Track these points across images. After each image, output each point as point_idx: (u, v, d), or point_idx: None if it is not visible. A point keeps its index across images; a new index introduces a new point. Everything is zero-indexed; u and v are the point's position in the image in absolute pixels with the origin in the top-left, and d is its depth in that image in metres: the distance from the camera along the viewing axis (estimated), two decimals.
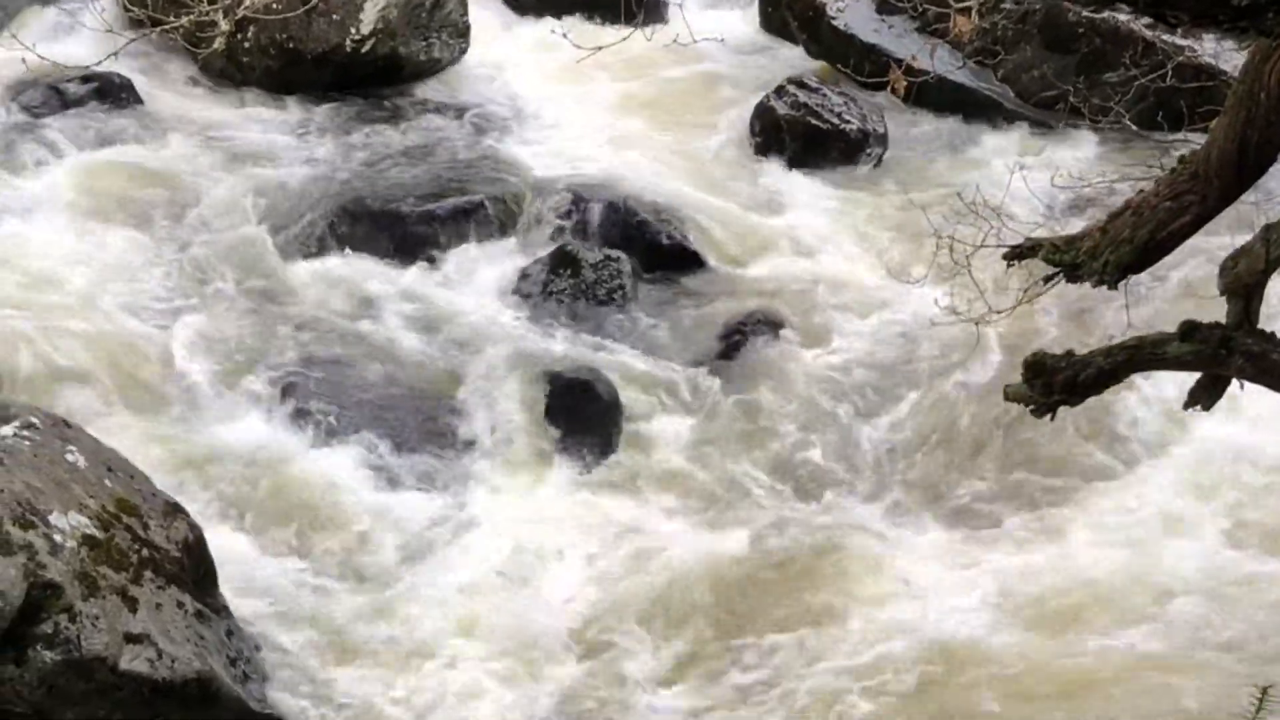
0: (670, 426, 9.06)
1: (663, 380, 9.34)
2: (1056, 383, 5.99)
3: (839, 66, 12.31)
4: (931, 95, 11.65)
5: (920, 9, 8.50)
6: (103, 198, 10.60)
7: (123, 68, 11.33)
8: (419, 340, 9.55)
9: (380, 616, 7.65)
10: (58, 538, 6.60)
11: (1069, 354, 6.06)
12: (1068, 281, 6.06)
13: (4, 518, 6.50)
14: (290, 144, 11.48)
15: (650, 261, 10.39)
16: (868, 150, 11.69)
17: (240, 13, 5.70)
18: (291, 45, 12.10)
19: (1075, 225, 8.48)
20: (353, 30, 12.17)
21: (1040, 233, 6.72)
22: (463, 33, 12.90)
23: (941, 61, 11.47)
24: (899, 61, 10.66)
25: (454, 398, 9.11)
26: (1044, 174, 10.19)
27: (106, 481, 7.01)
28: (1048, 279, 6.17)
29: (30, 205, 10.50)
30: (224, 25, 5.66)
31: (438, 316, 9.78)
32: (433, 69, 12.67)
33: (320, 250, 10.34)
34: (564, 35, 7.75)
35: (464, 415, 8.99)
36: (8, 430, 6.91)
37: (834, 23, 12.85)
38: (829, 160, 11.55)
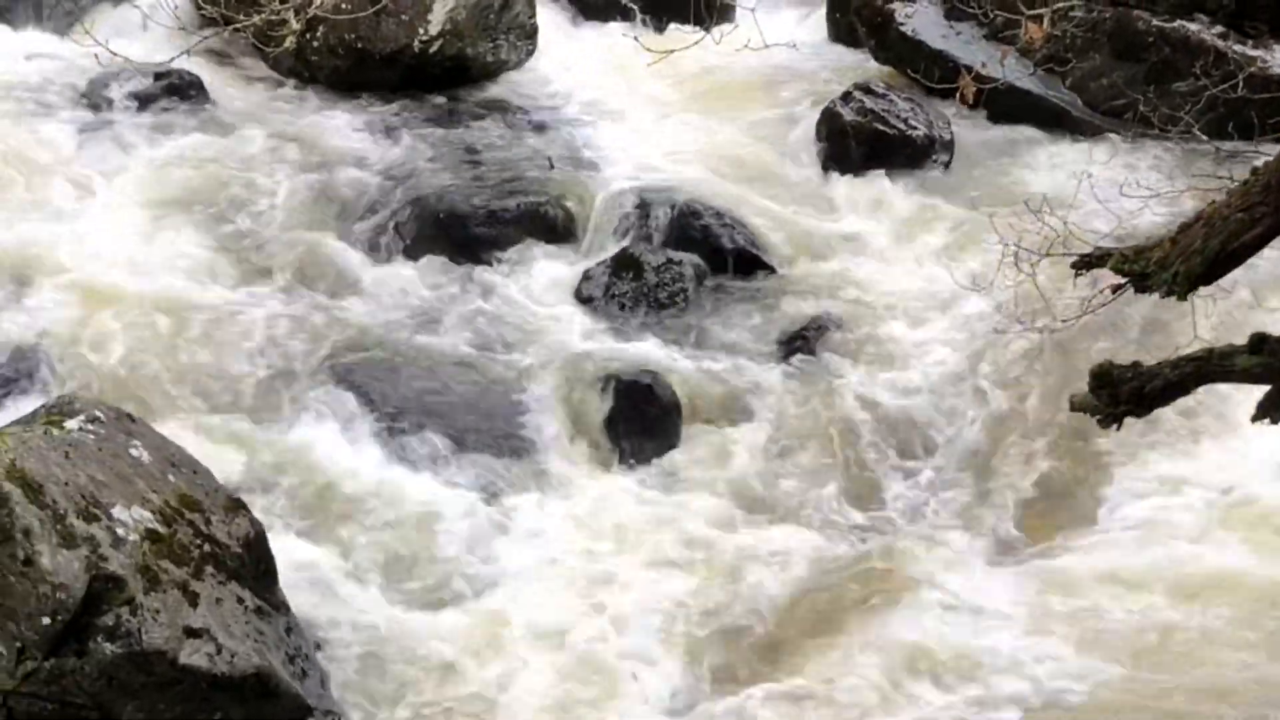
0: (730, 431, 9.05)
1: (723, 384, 9.32)
2: (1123, 393, 5.95)
3: (908, 72, 12.25)
4: (999, 102, 11.58)
5: (990, 16, 8.45)
6: (171, 195, 10.68)
7: (192, 65, 11.41)
8: (481, 341, 9.56)
9: (438, 617, 7.66)
10: (120, 531, 6.65)
11: (1136, 365, 6.01)
12: (1136, 292, 6.01)
13: (68, 510, 6.54)
14: (357, 144, 11.52)
15: (713, 265, 10.37)
16: (934, 157, 11.63)
17: (311, 12, 5.73)
18: (360, 45, 12.14)
19: (1144, 235, 8.42)
20: (421, 31, 12.20)
21: (1108, 242, 6.67)
22: (530, 34, 12.92)
23: (1010, 69, 11.39)
24: (967, 68, 10.60)
25: (515, 399, 9.11)
26: (1112, 183, 10.07)
27: (170, 476, 7.05)
28: (1116, 289, 6.12)
29: (99, 202, 10.59)
30: (295, 24, 5.68)
31: (500, 318, 9.79)
32: (499, 70, 12.68)
33: (385, 250, 10.38)
34: (634, 39, 7.74)
35: (525, 417, 9.00)
36: (73, 424, 6.96)
37: (902, 28, 12.79)
38: (895, 166, 11.49)
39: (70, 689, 6.49)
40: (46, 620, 6.39)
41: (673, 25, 13.02)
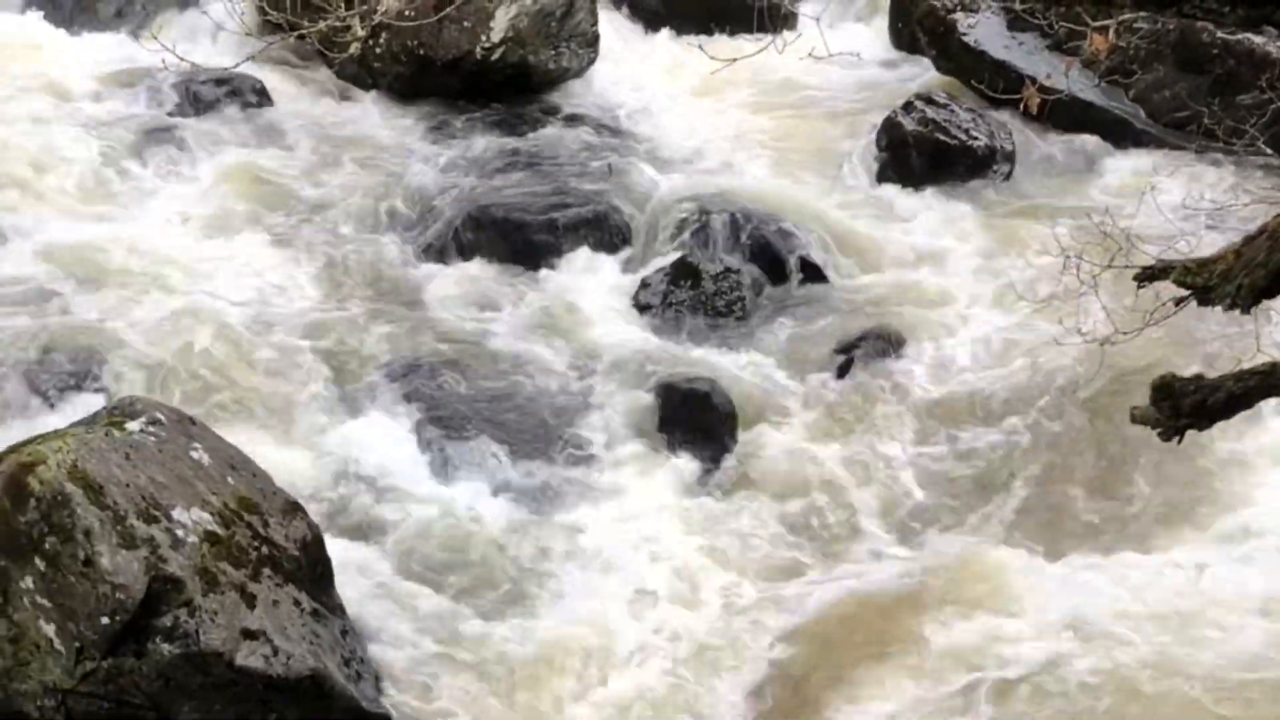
0: (785, 439, 9.02)
1: (779, 393, 9.30)
2: (1185, 406, 5.91)
3: (970, 82, 12.19)
4: (1060, 113, 11.49)
5: (1054, 27, 8.41)
6: (234, 199, 10.76)
7: (257, 70, 11.52)
8: (538, 347, 9.58)
9: (491, 622, 7.67)
10: (180, 533, 6.69)
11: (1198, 377, 5.98)
12: (1199, 304, 5.97)
13: (128, 511, 6.59)
14: (418, 150, 11.56)
15: (770, 274, 10.35)
16: (995, 167, 11.58)
17: (376, 19, 5.75)
18: (422, 52, 12.18)
19: (1207, 248, 8.35)
20: (483, 38, 12.23)
21: (1170, 255, 6.63)
22: (591, 42, 12.93)
23: (1072, 79, 11.32)
24: (1030, 78, 10.55)
25: (571, 405, 9.12)
26: (1175, 196, 10.05)
27: (229, 479, 7.08)
28: (1178, 301, 6.08)
29: (163, 205, 10.68)
30: (359, 30, 5.71)
31: (558, 324, 9.81)
32: (561, 78, 12.70)
33: (445, 256, 10.42)
34: (698, 47, 7.74)
35: (580, 423, 9.01)
36: (134, 426, 7.01)
37: (964, 39, 12.74)
38: (955, 176, 11.44)
39: (128, 689, 6.54)
40: (106, 620, 6.44)
41: (735, 34, 12.99)
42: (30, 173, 10.77)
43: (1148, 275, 6.13)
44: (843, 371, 9.49)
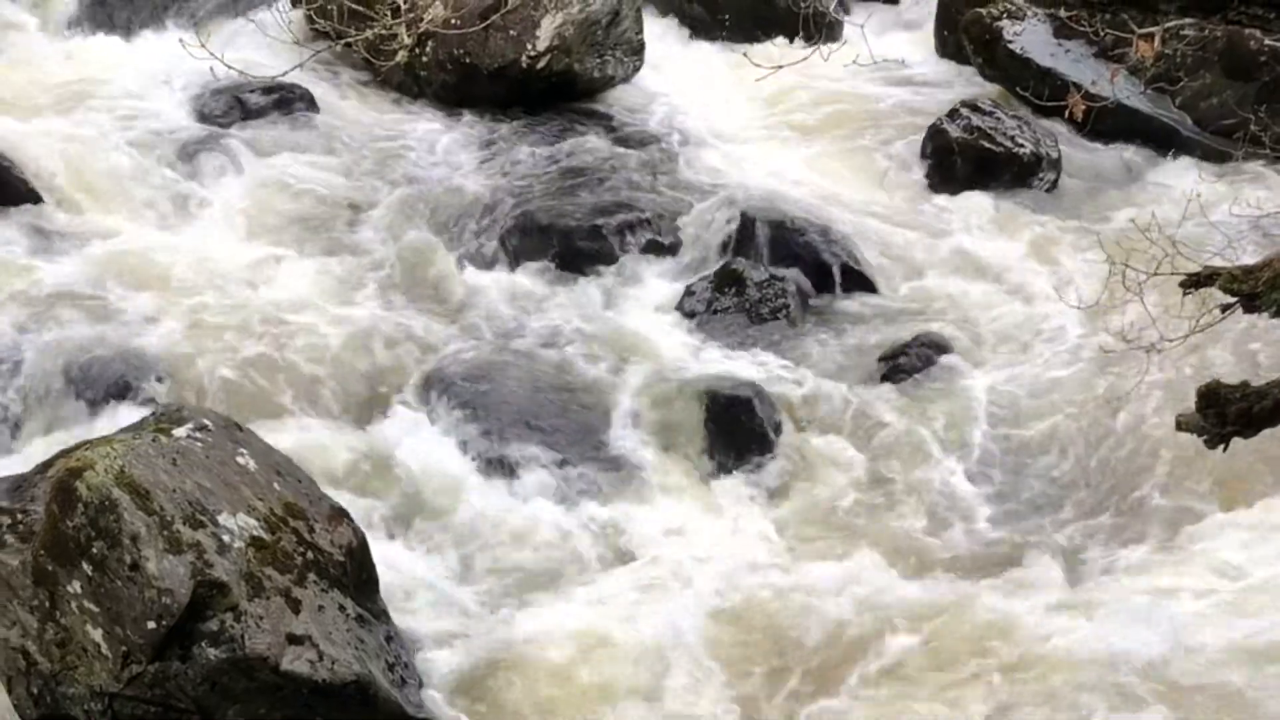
0: (830, 447, 9.00)
1: (824, 401, 9.28)
2: (1231, 413, 5.88)
3: (1016, 90, 12.16)
4: (1106, 120, 11.46)
5: (1100, 34, 8.39)
6: (279, 206, 10.81)
7: (302, 78, 11.55)
8: (583, 354, 9.59)
9: (536, 628, 7.67)
10: (226, 538, 6.71)
11: (1244, 385, 5.94)
12: (1245, 312, 5.95)
13: (175, 517, 6.62)
14: (464, 158, 11.61)
15: (816, 281, 10.34)
16: (1040, 174, 11.55)
17: (423, 27, 5.78)
18: (468, 60, 12.22)
19: (1253, 255, 8.32)
20: (529, 46, 12.26)
21: (1216, 262, 6.60)
22: (637, 50, 12.94)
23: (1118, 87, 11.29)
24: (1076, 86, 10.53)
25: (615, 411, 9.13)
26: (1221, 203, 10.01)
27: (275, 485, 7.11)
28: (1225, 308, 6.05)
29: (210, 211, 10.74)
30: (407, 39, 5.74)
31: (602, 331, 9.82)
32: (606, 86, 12.72)
33: (490, 262, 10.45)
34: (743, 54, 7.76)
35: (625, 428, 9.02)
36: (181, 432, 7.04)
37: (1010, 46, 12.71)
38: (1001, 184, 11.42)
39: (173, 692, 6.57)
40: (152, 624, 6.47)
41: (780, 42, 13.01)
42: (78, 180, 10.85)
43: (1194, 282, 6.11)
44: (888, 378, 9.47)
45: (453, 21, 10.32)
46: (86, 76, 12.19)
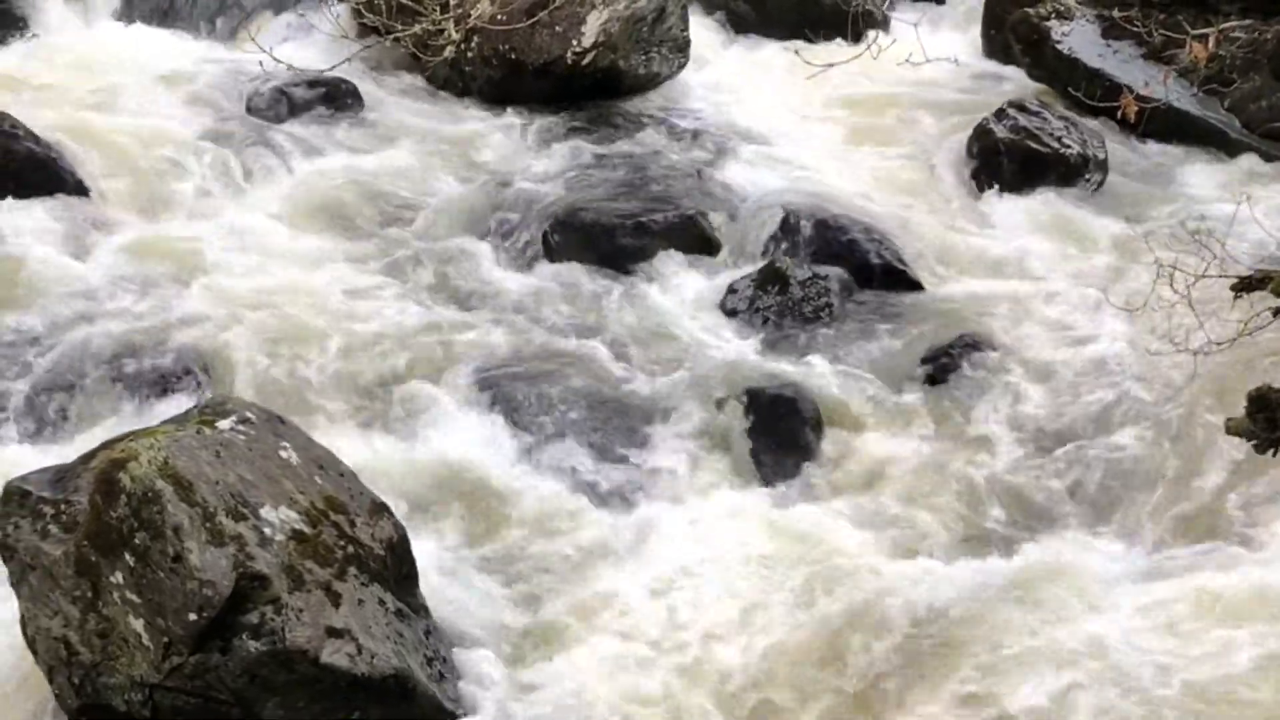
0: (872, 447, 8.96)
1: (867, 400, 9.25)
2: None
3: (1070, 89, 12.09)
4: (1154, 122, 11.41)
5: (1152, 34, 8.36)
6: (324, 201, 10.85)
7: (349, 73, 11.60)
8: (625, 351, 9.58)
9: (575, 625, 7.66)
10: (267, 530, 6.73)
11: None
12: None
13: (217, 509, 6.64)
14: (508, 153, 11.62)
15: (859, 280, 10.30)
16: (1087, 176, 11.48)
17: (471, 22, 5.79)
18: (514, 56, 12.23)
19: None
20: (574, 43, 12.27)
21: (1266, 265, 6.55)
22: (682, 48, 12.93)
23: (1171, 88, 11.23)
24: (1125, 87, 10.46)
25: (657, 408, 9.12)
26: (1271, 206, 9.95)
27: (316, 478, 7.12)
28: (1276, 312, 6.01)
29: (255, 206, 10.79)
30: (454, 34, 5.76)
31: (644, 328, 9.81)
32: (651, 83, 12.71)
33: (533, 259, 10.46)
34: (795, 52, 7.75)
35: (667, 425, 9.00)
36: (225, 424, 7.06)
37: (1058, 46, 12.66)
38: (1047, 184, 11.36)
39: (213, 684, 6.58)
40: (193, 616, 6.49)
41: (827, 40, 12.98)
42: (123, 172, 10.92)
43: (1244, 285, 6.08)
44: (931, 379, 9.43)
45: (499, 17, 10.33)
46: (130, 70, 12.25)
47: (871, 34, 8.20)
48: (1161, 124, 11.64)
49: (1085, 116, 11.77)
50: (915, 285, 10.31)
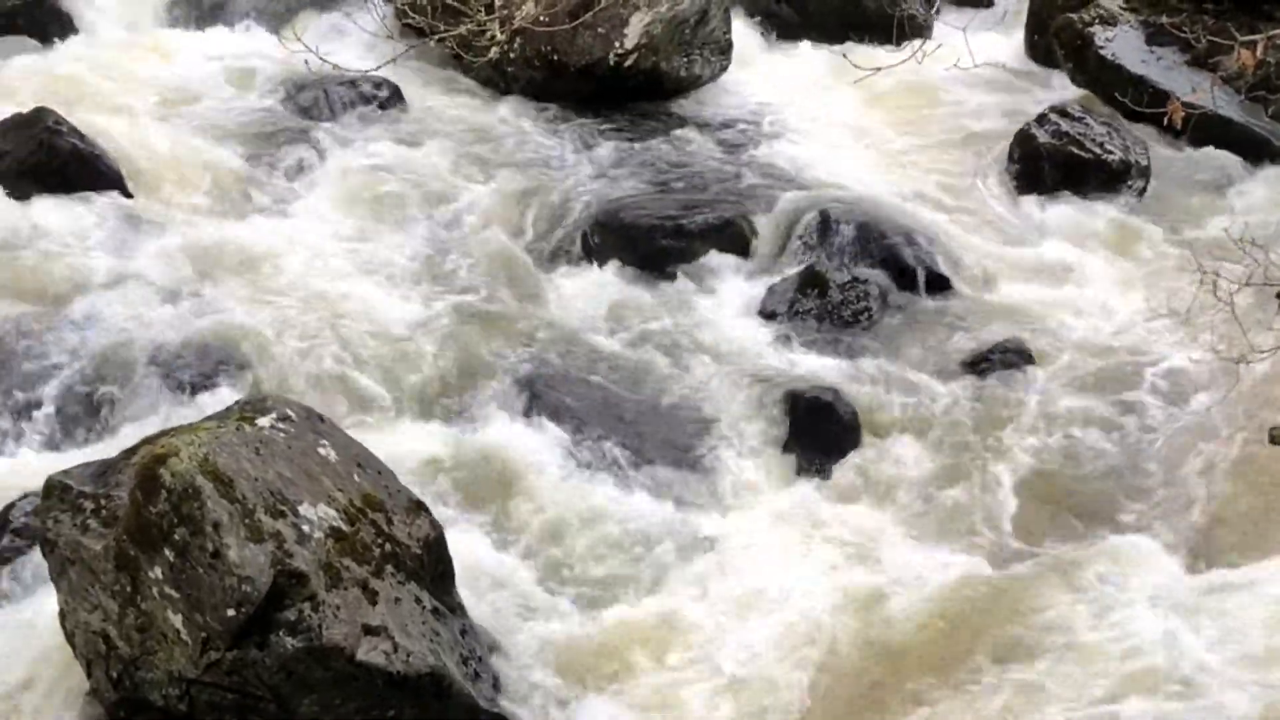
0: (911, 452, 8.95)
1: (905, 405, 9.23)
2: None
3: (1113, 95, 12.04)
4: (1198, 129, 11.36)
5: (1199, 40, 8.32)
6: (366, 200, 10.88)
7: (391, 73, 11.62)
8: (662, 353, 9.58)
9: (612, 626, 7.67)
10: (306, 528, 6.74)
11: None
12: None
13: (256, 506, 6.66)
14: (549, 154, 11.64)
15: (898, 284, 10.28)
16: (1129, 182, 11.44)
17: (516, 24, 5.81)
18: (556, 57, 12.25)
19: None
20: (617, 45, 12.27)
21: None
22: (724, 50, 12.93)
23: (1216, 95, 11.17)
24: (1169, 93, 10.43)
25: (694, 411, 9.12)
26: None
27: (355, 476, 7.13)
28: None
29: (296, 204, 10.83)
30: (500, 35, 5.76)
31: (682, 331, 9.81)
32: (693, 85, 12.71)
33: (571, 260, 10.47)
34: (843, 55, 7.73)
35: (704, 430, 9.00)
36: (265, 422, 7.08)
37: (1101, 52, 12.62)
38: (1089, 190, 11.32)
39: (250, 680, 6.60)
40: (231, 612, 6.51)
41: (870, 44, 12.98)
42: (167, 170, 10.96)
43: None
44: (970, 383, 9.40)
45: (542, 19, 10.36)
46: (174, 70, 12.33)
47: (916, 39, 8.19)
48: (1205, 131, 11.58)
49: (1128, 122, 11.72)
50: (955, 290, 10.28)
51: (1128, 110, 11.41)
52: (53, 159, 10.53)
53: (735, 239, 10.60)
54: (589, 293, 10.13)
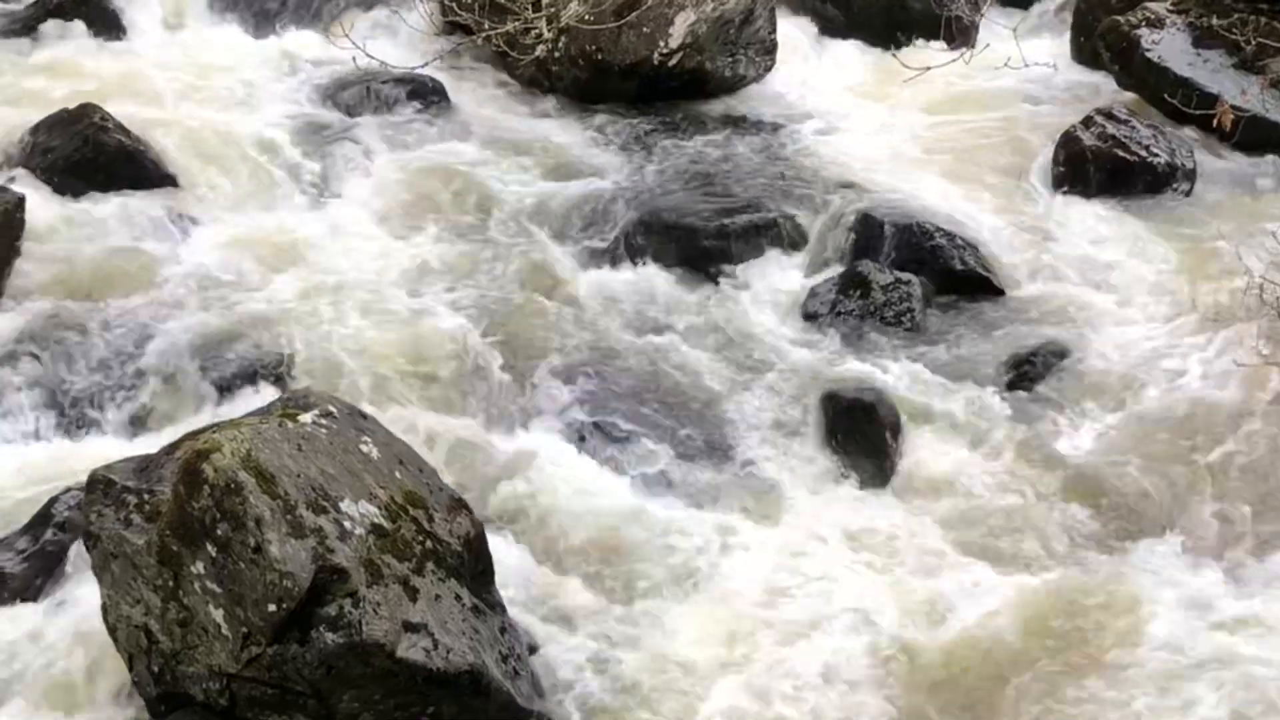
0: (953, 454, 8.91)
1: (947, 407, 9.19)
2: None
3: (1164, 97, 11.96)
4: (1244, 132, 11.26)
5: (1249, 42, 8.26)
6: (407, 198, 10.90)
7: (435, 71, 11.64)
8: (704, 354, 9.58)
9: (648, 629, 7.65)
10: (347, 524, 6.76)
11: None
12: None
13: (298, 501, 6.67)
14: (592, 153, 11.64)
15: (941, 286, 10.25)
16: (1175, 185, 11.37)
17: (563, 21, 5.80)
18: (600, 57, 12.24)
19: None
20: (661, 44, 12.26)
21: None
22: (769, 50, 12.90)
23: (1265, 99, 11.09)
24: (1217, 96, 10.36)
25: (735, 412, 9.11)
26: None
27: (396, 473, 7.15)
28: None
29: (340, 201, 10.86)
30: (547, 33, 5.76)
31: (724, 331, 9.80)
32: (737, 85, 12.69)
33: (614, 260, 10.47)
34: (892, 54, 7.71)
35: (745, 431, 8.99)
36: (307, 418, 7.10)
37: (1147, 54, 12.53)
38: (1134, 193, 11.25)
39: (290, 675, 6.62)
40: (272, 607, 6.53)
41: (917, 44, 12.94)
42: (210, 166, 11.01)
43: None
44: (1013, 385, 9.37)
45: (588, 18, 10.35)
46: (217, 66, 12.37)
47: (962, 40, 8.16)
48: (1251, 134, 11.49)
49: (1174, 125, 11.65)
50: (998, 291, 10.24)
51: (1175, 113, 11.32)
52: (99, 155, 10.59)
53: (778, 240, 10.59)
54: (629, 293, 10.12)
